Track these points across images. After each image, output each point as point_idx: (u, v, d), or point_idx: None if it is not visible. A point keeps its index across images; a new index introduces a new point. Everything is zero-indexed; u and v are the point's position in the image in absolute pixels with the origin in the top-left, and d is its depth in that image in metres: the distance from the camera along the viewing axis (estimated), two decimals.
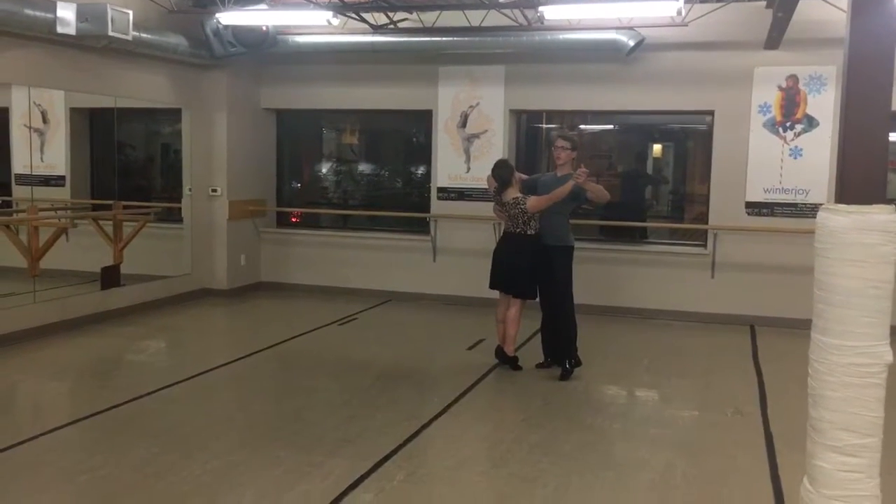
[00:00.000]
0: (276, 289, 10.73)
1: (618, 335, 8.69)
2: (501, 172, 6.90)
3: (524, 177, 7.21)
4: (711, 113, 9.20)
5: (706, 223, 9.29)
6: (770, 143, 8.91)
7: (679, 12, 7.57)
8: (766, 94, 8.87)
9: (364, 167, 11.74)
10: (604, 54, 9.09)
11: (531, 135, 10.67)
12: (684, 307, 9.28)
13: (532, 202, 6.72)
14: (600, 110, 9.92)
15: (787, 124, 8.86)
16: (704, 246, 9.35)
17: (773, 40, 8.40)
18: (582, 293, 9.40)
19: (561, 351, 6.96)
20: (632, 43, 8.80)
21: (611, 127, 11.00)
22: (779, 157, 8.90)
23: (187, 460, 4.91)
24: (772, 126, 8.90)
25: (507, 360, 7.03)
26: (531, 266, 6.83)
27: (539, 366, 7.08)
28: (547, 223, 6.82)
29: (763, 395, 6.50)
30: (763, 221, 8.98)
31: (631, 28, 8.73)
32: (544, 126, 10.74)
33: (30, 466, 4.81)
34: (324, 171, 11.88)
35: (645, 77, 9.19)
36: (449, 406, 6.01)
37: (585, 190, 6.65)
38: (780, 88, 8.84)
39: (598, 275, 9.54)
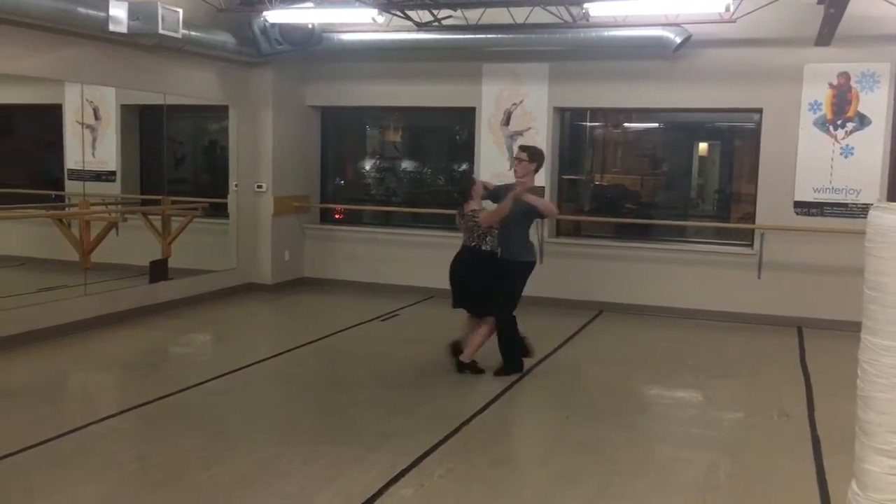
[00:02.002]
0: (319, 284, 10.82)
1: (661, 335, 8.61)
2: (461, 185, 6.81)
3: (491, 186, 7.00)
4: (760, 111, 9.04)
5: (753, 223, 9.15)
6: (820, 141, 8.73)
7: (727, 8, 7.46)
8: (817, 92, 8.70)
9: (407, 164, 11.79)
10: (649, 51, 8.99)
11: (575, 133, 10.61)
12: (730, 307, 9.14)
13: (483, 216, 6.62)
14: (645, 108, 9.81)
15: (838, 122, 8.67)
16: (751, 245, 9.20)
17: (825, 37, 8.23)
18: (626, 292, 9.43)
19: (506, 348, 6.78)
20: (678, 40, 8.70)
21: (656, 125, 10.89)
22: (829, 155, 8.72)
23: (231, 451, 5.00)
24: (822, 124, 8.73)
25: (465, 367, 6.76)
26: (487, 283, 6.63)
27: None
28: (502, 237, 6.66)
29: (810, 397, 6.38)
30: (812, 221, 8.81)
31: (677, 24, 8.63)
32: (588, 124, 10.67)
33: (80, 454, 4.93)
34: (367, 168, 11.95)
35: (691, 74, 9.08)
36: (489, 403, 6.01)
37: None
38: (831, 86, 8.66)
39: (642, 274, 9.47)
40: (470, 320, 6.84)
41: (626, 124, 10.89)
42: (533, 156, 6.69)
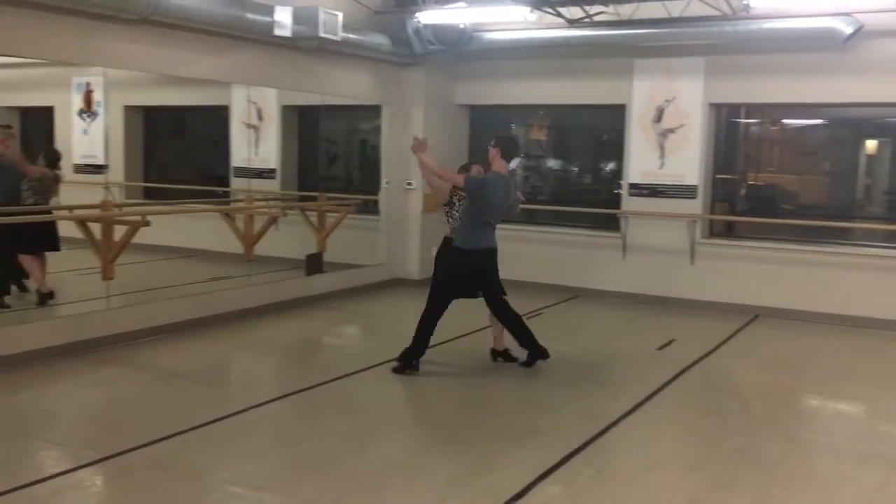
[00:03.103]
0: None
1: (823, 343, 8.15)
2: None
3: (427, 143, 6.94)
4: None
5: None
6: None
7: None
8: None
9: (552, 163, 11.72)
10: (815, 43, 8.50)
11: (730, 130, 10.20)
12: None
13: None
14: (809, 103, 9.30)
15: None
16: None
17: None
18: (784, 296, 8.99)
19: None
20: (849, 30, 8.18)
21: (818, 121, 10.31)
22: None
23: (382, 440, 5.16)
24: None
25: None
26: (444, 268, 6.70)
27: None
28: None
29: None
30: None
31: (848, 14, 8.12)
32: (742, 121, 10.24)
33: (244, 434, 5.23)
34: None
35: (862, 67, 8.50)
36: (639, 405, 5.88)
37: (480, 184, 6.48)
38: None
39: (801, 277, 8.99)
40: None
41: (784, 120, 10.37)
42: (498, 142, 6.72)
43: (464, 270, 6.60)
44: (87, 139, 10.34)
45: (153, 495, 4.26)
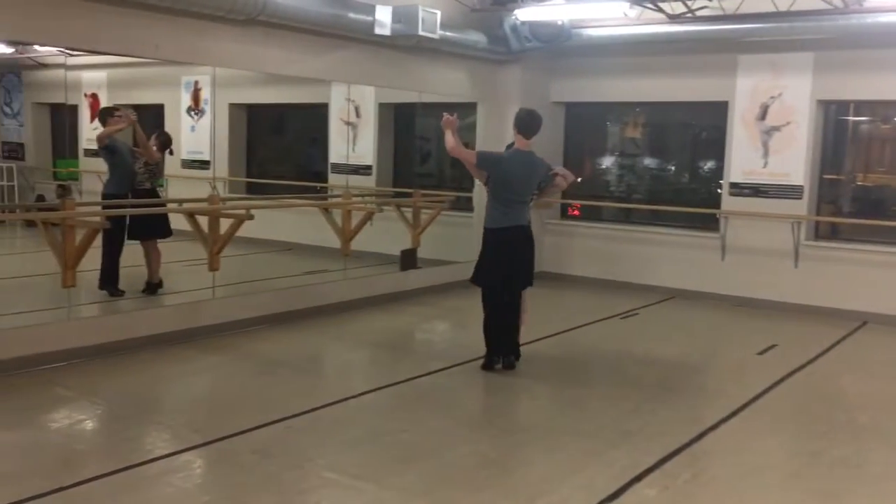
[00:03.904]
0: (558, 279, 10.86)
1: None
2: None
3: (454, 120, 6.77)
4: None
5: None
6: None
7: None
8: None
9: (648, 161, 11.51)
10: None
11: (838, 128, 9.78)
12: None
13: None
14: None
15: None
16: None
17: None
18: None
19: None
20: None
21: None
22: None
23: (475, 435, 5.22)
24: None
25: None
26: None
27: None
28: None
29: None
30: None
31: None
32: (851, 118, 9.80)
33: (342, 424, 5.35)
34: (607, 164, 11.80)
35: None
36: (738, 410, 5.73)
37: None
38: None
39: None
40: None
41: None
42: (515, 119, 6.55)
43: (496, 250, 6.42)
44: (194, 136, 10.77)
45: (255, 479, 4.41)
